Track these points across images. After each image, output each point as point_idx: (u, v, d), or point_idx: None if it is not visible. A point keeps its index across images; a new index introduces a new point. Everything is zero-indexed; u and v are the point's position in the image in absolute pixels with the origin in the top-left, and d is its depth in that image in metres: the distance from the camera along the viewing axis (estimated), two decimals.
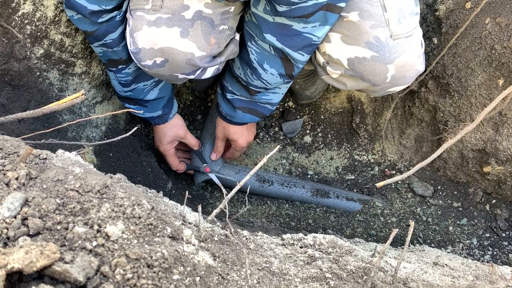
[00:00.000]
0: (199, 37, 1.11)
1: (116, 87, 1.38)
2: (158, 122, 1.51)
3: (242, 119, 1.48)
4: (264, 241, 0.91)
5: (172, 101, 1.50)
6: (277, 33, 1.15)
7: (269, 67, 1.25)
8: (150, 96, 1.40)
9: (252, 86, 1.34)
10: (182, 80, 1.21)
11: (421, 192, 1.67)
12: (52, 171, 0.71)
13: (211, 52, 1.15)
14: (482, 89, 1.39)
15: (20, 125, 1.17)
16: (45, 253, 0.54)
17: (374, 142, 1.82)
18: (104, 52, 1.25)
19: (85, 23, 1.17)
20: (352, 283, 0.80)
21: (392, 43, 1.09)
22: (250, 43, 1.24)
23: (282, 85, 1.36)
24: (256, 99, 1.39)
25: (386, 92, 1.20)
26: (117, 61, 1.27)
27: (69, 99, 0.88)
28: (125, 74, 1.31)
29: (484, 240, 1.55)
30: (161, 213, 0.71)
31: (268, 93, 1.37)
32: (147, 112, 1.45)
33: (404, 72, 1.12)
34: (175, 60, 1.12)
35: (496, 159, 1.45)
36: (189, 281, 0.64)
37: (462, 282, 0.89)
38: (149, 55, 1.12)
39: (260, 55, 1.24)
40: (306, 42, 1.14)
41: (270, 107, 1.44)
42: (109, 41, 1.21)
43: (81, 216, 0.64)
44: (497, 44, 1.30)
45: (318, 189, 1.68)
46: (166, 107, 1.47)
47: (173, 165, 1.63)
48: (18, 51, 1.17)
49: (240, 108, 1.43)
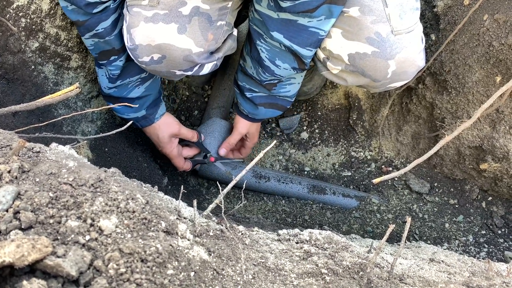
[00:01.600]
0: (196, 33, 1.10)
1: (102, 83, 1.33)
2: (144, 124, 1.43)
3: (265, 115, 1.49)
4: (260, 237, 0.91)
5: (158, 102, 1.43)
6: (283, 29, 1.14)
7: (282, 62, 1.25)
8: (134, 93, 1.35)
9: (267, 82, 1.34)
10: (180, 77, 1.20)
11: (418, 189, 1.67)
12: (45, 165, 0.70)
13: (209, 48, 1.14)
14: (480, 86, 1.39)
15: (15, 119, 1.16)
16: (37, 247, 0.53)
17: (371, 139, 1.81)
18: (95, 44, 1.22)
19: (78, 13, 1.14)
20: (348, 278, 0.79)
21: (393, 39, 1.08)
22: (259, 42, 1.23)
23: (297, 75, 1.35)
24: (274, 93, 1.39)
25: (386, 88, 1.20)
26: (110, 51, 1.24)
27: (63, 92, 0.87)
28: (115, 66, 1.27)
29: (480, 237, 1.55)
30: (155, 208, 0.70)
31: (285, 85, 1.37)
32: (131, 112, 1.38)
33: (405, 67, 1.12)
34: (173, 57, 1.11)
35: (493, 156, 1.45)
36: (183, 276, 0.63)
37: (459, 278, 0.89)
38: (146, 52, 1.11)
39: (271, 52, 1.23)
40: (314, 38, 1.14)
41: (289, 99, 1.45)
42: (100, 30, 1.17)
43: (74, 210, 0.64)
44: (495, 41, 1.29)
45: (314, 185, 1.68)
46: (150, 107, 1.40)
47: (179, 167, 1.58)
48: (12, 44, 1.16)
49: (261, 104, 1.44)
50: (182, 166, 1.58)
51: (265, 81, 1.34)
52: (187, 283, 0.63)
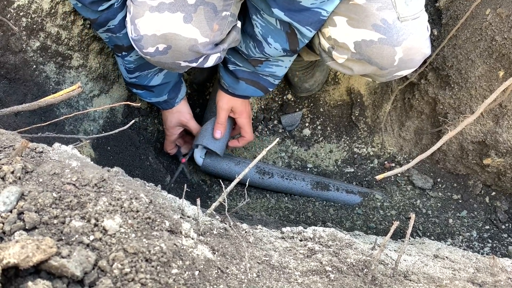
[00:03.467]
0: (202, 22, 1.09)
1: (123, 73, 1.40)
2: (165, 107, 1.53)
3: (245, 91, 1.47)
4: (264, 235, 0.91)
5: (179, 85, 1.51)
6: (285, 8, 1.13)
7: (273, 41, 1.24)
8: (154, 81, 1.42)
9: (252, 57, 1.34)
10: (185, 69, 1.19)
11: (421, 185, 1.66)
12: (48, 165, 0.70)
13: (214, 38, 1.13)
14: (482, 81, 1.38)
15: (17, 119, 1.16)
16: (42, 248, 0.53)
17: (373, 135, 1.81)
18: (109, 38, 1.26)
19: (87, 11, 1.18)
20: (353, 276, 0.79)
21: (399, 25, 1.07)
22: (255, 16, 1.23)
23: (285, 58, 1.35)
24: (259, 70, 1.39)
25: (393, 76, 1.18)
26: (121, 47, 1.29)
27: (65, 91, 0.87)
28: (127, 61, 1.33)
29: (483, 233, 1.55)
30: (159, 207, 0.70)
31: (272, 65, 1.37)
32: (153, 97, 1.47)
33: (412, 54, 1.11)
34: (178, 47, 1.10)
35: (496, 151, 1.45)
36: (188, 275, 0.63)
37: (463, 274, 0.89)
38: (151, 42, 1.10)
39: (265, 28, 1.23)
40: (315, 17, 1.13)
41: (272, 80, 1.43)
42: (112, 26, 1.22)
43: (78, 210, 0.64)
44: (498, 35, 1.29)
45: (318, 182, 1.67)
46: (172, 91, 1.49)
47: (166, 148, 1.67)
48: (13, 44, 1.16)
49: (243, 79, 1.42)
50: (168, 149, 1.67)
51: (252, 56, 1.33)
52: (192, 282, 0.63)
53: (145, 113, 1.73)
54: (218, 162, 1.64)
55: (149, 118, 1.75)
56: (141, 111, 1.72)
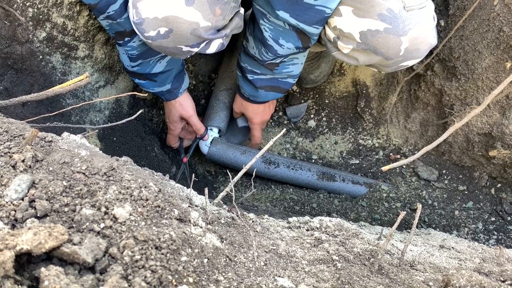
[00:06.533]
0: (204, 6, 1.08)
1: (125, 62, 1.38)
2: (168, 97, 1.51)
3: (265, 97, 1.51)
4: (271, 224, 0.91)
5: (182, 75, 1.49)
6: (289, 8, 1.13)
7: (285, 42, 1.25)
8: (157, 69, 1.40)
9: (268, 62, 1.35)
10: (186, 54, 1.18)
11: (426, 177, 1.66)
12: (58, 154, 0.71)
13: (216, 23, 1.12)
14: (489, 72, 1.38)
15: (24, 109, 1.16)
16: (54, 235, 0.54)
17: (379, 126, 1.81)
18: (110, 25, 1.26)
19: None
20: (359, 265, 0.79)
21: (405, 15, 1.07)
22: (262, 21, 1.23)
23: (299, 55, 1.35)
24: (276, 73, 1.40)
25: (398, 66, 1.18)
26: (123, 33, 1.27)
27: (73, 81, 0.87)
28: (130, 47, 1.31)
29: (489, 224, 1.55)
30: (168, 196, 0.70)
31: (288, 65, 1.38)
32: (156, 86, 1.45)
33: (418, 44, 1.10)
34: (180, 30, 1.09)
35: (502, 143, 1.44)
36: (197, 263, 0.64)
37: (469, 264, 0.89)
38: (152, 25, 1.09)
39: (274, 31, 1.23)
40: (320, 16, 1.13)
41: (291, 80, 1.45)
42: (111, 12, 1.20)
43: (88, 198, 0.64)
44: (506, 26, 1.28)
45: (324, 172, 1.67)
46: (175, 81, 1.47)
47: (169, 142, 1.67)
48: (20, 34, 1.16)
49: (262, 87, 1.45)
50: (171, 143, 1.68)
51: (267, 61, 1.34)
52: (201, 270, 0.63)
53: (150, 104, 1.73)
54: (224, 151, 1.63)
55: (155, 109, 1.75)
56: (146, 102, 1.72)
